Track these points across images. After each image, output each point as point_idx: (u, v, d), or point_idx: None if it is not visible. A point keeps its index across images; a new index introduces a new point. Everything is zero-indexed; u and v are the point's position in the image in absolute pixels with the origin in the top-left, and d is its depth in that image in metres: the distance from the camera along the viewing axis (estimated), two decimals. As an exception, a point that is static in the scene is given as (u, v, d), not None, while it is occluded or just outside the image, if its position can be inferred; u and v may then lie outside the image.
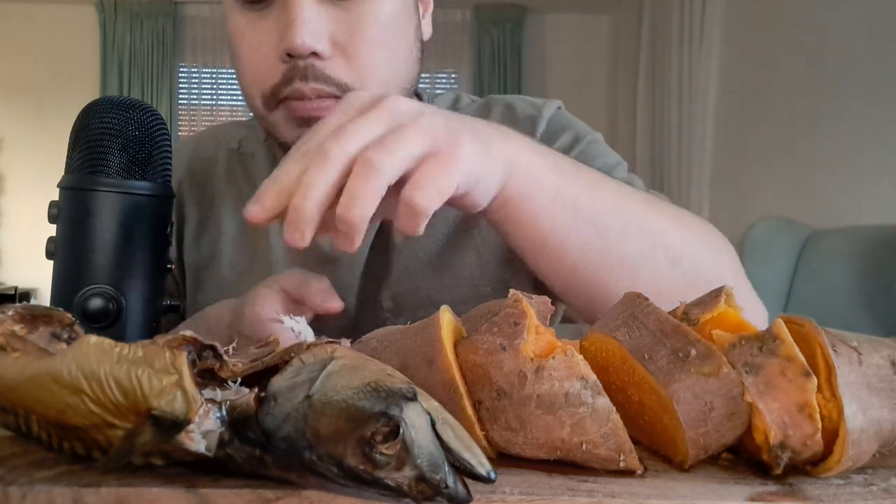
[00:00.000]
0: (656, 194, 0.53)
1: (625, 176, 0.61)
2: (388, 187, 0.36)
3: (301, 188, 0.35)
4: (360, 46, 0.54)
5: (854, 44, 2.24)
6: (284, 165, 0.37)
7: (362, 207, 0.35)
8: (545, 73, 4.32)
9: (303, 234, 0.35)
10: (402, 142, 0.36)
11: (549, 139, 0.64)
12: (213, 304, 0.61)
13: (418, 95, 0.70)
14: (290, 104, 0.55)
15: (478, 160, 0.39)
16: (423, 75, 0.69)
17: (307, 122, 0.54)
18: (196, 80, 4.24)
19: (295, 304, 0.50)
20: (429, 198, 0.36)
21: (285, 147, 0.59)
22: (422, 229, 0.37)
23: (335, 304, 0.49)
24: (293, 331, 0.32)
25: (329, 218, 0.36)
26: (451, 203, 0.39)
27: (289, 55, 0.53)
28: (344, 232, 0.36)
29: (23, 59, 4.04)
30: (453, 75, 4.34)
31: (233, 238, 0.69)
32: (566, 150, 0.62)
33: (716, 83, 3.08)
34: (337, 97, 0.54)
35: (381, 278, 0.65)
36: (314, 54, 0.53)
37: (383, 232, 0.65)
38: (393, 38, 0.57)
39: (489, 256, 0.65)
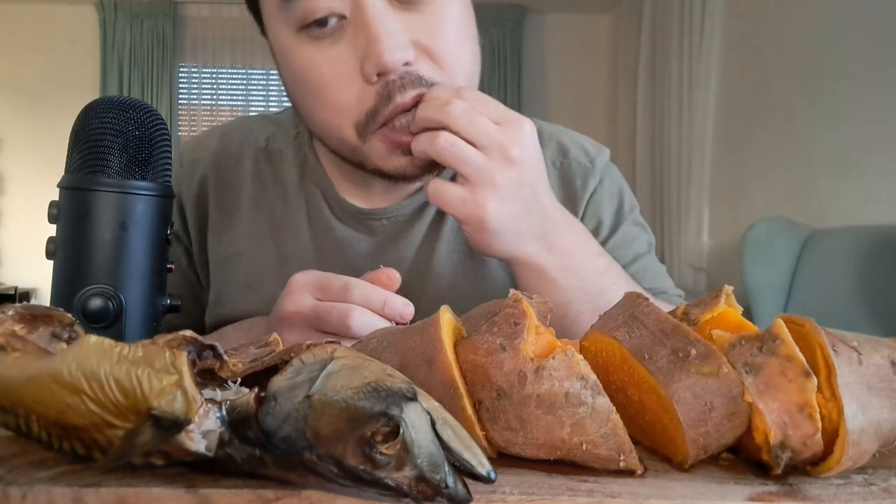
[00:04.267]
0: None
1: (647, 249, 0.72)
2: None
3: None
4: (444, 47, 0.54)
5: (854, 44, 2.24)
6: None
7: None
8: (545, 73, 4.32)
9: None
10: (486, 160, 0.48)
11: (597, 202, 0.69)
12: (235, 324, 0.61)
13: None
14: (393, 134, 0.54)
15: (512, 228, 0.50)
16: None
17: (410, 150, 0.53)
18: (196, 80, 4.24)
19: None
20: (445, 201, 0.49)
21: (380, 172, 0.58)
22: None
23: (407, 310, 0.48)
24: None
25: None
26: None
27: (378, 74, 0.52)
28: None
29: (23, 59, 4.04)
30: (453, 75, 4.34)
31: (257, 236, 0.68)
32: (611, 222, 0.70)
33: (716, 83, 3.08)
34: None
35: (416, 296, 0.66)
36: (404, 63, 0.52)
37: (421, 253, 0.67)
38: (468, 35, 0.57)
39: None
